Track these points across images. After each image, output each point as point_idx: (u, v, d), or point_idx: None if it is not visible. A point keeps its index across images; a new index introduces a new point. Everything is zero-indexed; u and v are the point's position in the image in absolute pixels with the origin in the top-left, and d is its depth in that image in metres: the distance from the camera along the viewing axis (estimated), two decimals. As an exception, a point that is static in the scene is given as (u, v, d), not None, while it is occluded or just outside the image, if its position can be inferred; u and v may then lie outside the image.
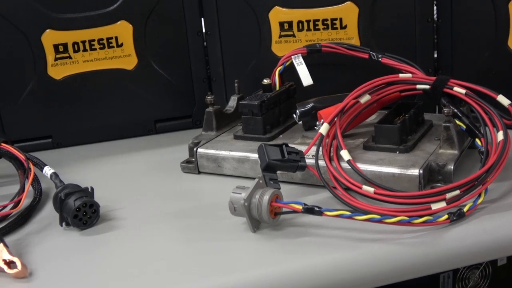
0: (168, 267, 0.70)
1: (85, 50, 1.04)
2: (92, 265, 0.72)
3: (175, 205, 0.84)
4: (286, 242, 0.72)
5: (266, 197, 0.72)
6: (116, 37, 1.05)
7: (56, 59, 1.04)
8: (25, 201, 0.82)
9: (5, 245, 0.72)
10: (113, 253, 0.74)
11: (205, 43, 1.10)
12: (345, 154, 0.81)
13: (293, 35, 1.04)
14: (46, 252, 0.75)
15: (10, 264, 0.70)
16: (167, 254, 0.72)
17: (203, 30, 1.09)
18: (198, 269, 0.69)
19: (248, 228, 0.74)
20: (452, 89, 0.84)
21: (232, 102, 1.00)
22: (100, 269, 0.71)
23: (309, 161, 0.82)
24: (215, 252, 0.72)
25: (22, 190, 0.84)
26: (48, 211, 0.85)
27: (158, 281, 0.67)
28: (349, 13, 1.01)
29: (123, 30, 1.05)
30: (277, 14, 1.03)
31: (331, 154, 0.83)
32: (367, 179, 0.78)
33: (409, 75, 0.89)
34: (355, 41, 1.02)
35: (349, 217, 0.70)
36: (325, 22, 1.02)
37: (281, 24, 1.04)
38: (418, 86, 0.87)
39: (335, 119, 0.85)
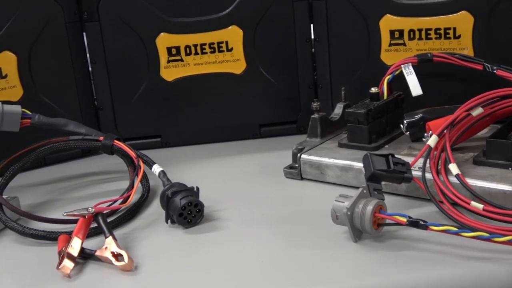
0: (267, 271, 0.70)
1: (196, 53, 1.07)
2: (194, 263, 0.73)
3: (277, 210, 0.84)
4: (388, 255, 0.71)
5: (369, 207, 0.71)
6: (226, 42, 1.07)
7: (168, 61, 1.07)
8: (134, 197, 0.85)
9: (114, 238, 0.75)
10: (215, 252, 0.75)
11: (313, 50, 1.10)
12: (453, 168, 0.78)
13: (404, 44, 1.02)
14: (151, 247, 0.77)
15: (118, 256, 0.73)
16: (267, 258, 0.73)
17: (312, 37, 1.09)
18: (298, 275, 0.69)
19: (349, 237, 0.73)
20: None
21: (338, 109, 1.00)
22: (202, 267, 0.72)
23: (415, 173, 0.80)
24: (315, 259, 0.71)
25: (131, 186, 0.88)
26: (155, 208, 0.87)
27: (257, 283, 0.68)
28: (463, 22, 0.98)
29: (233, 35, 1.07)
30: (388, 22, 1.02)
31: (439, 167, 0.80)
32: (476, 195, 0.75)
33: (527, 88, 0.85)
34: (469, 52, 0.98)
35: (456, 233, 0.68)
36: (437, 31, 1.00)
37: (392, 32, 1.02)
38: (536, 101, 0.83)
39: (445, 131, 0.83)
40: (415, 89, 0.94)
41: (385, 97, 0.96)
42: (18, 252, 0.79)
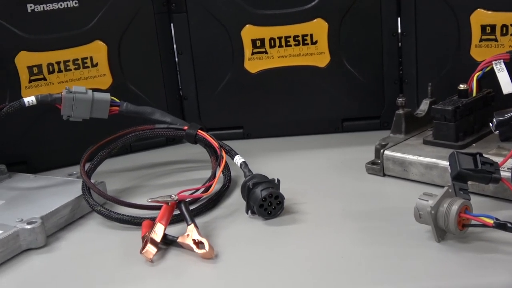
0: (346, 267, 0.70)
1: (280, 46, 1.07)
2: (272, 254, 0.74)
3: (358, 206, 0.83)
4: (472, 257, 0.69)
5: (454, 207, 0.70)
6: (311, 35, 1.06)
7: (253, 53, 1.08)
8: (216, 186, 0.86)
9: (196, 226, 0.76)
10: (294, 245, 0.76)
11: (399, 44, 1.08)
12: (545, 170, 0.75)
13: (495, 40, 0.98)
14: (231, 236, 0.78)
15: (199, 244, 0.74)
16: (346, 254, 0.72)
17: (399, 31, 1.07)
18: (377, 272, 0.68)
19: (432, 237, 0.72)
20: None
21: (424, 105, 0.98)
22: (280, 259, 0.72)
23: (504, 174, 0.77)
24: (395, 257, 0.70)
25: (213, 176, 0.89)
26: (236, 198, 0.88)
27: (336, 279, 0.68)
28: (561, 18, 0.94)
29: (318, 28, 1.06)
30: (480, 17, 0.98)
31: (530, 168, 0.77)
32: None
33: None
34: None
35: (546, 238, 0.65)
36: (533, 27, 0.96)
37: (483, 28, 0.98)
38: None
39: (537, 131, 0.79)
40: (507, 86, 0.91)
41: (474, 94, 0.93)
42: (103, 235, 0.82)
